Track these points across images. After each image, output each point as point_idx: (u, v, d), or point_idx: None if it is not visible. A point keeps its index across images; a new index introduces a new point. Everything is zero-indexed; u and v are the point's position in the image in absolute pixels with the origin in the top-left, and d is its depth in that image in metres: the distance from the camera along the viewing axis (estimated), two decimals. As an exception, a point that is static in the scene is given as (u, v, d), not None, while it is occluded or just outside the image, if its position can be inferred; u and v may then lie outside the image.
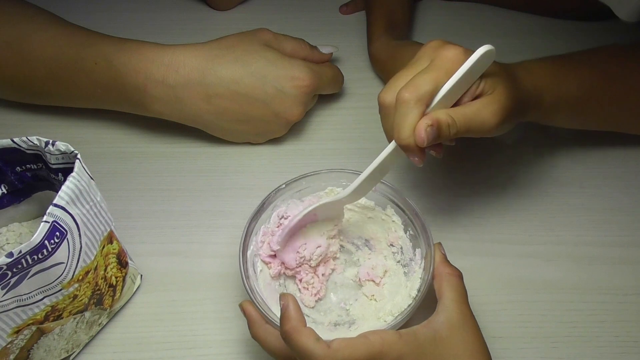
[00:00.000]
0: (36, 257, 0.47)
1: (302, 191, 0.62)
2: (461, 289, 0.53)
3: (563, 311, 0.62)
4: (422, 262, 0.58)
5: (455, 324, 0.51)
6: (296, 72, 0.70)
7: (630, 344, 0.60)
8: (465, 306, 0.53)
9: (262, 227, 0.61)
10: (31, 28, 0.71)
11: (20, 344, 0.52)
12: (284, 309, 0.51)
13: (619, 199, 0.70)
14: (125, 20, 0.89)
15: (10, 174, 0.57)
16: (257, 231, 0.60)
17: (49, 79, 0.71)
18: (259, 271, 0.60)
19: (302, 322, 0.50)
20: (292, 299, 0.51)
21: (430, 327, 0.51)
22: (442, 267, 0.55)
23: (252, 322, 0.55)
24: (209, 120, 0.71)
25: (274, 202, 0.61)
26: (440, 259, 0.55)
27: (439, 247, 0.56)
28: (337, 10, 0.91)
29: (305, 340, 0.49)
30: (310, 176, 0.62)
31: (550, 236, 0.67)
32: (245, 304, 0.55)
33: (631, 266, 0.65)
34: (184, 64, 0.69)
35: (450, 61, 0.53)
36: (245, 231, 0.58)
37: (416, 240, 0.59)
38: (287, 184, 0.61)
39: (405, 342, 0.50)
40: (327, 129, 0.77)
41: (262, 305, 0.55)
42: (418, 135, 0.52)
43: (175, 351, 0.60)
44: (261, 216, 0.60)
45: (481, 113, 0.54)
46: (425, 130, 0.52)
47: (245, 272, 0.56)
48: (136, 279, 0.63)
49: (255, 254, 0.60)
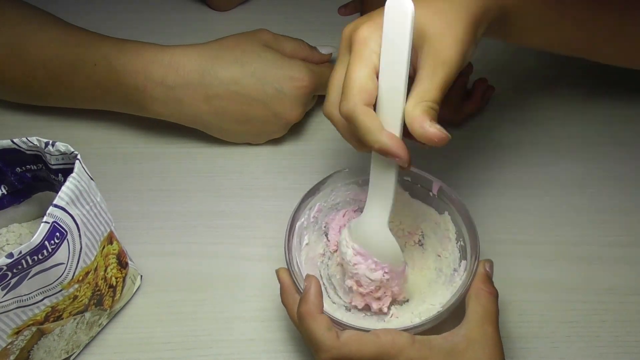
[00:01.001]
0: (36, 258, 0.47)
1: (363, 179, 0.61)
2: (491, 307, 0.52)
3: (563, 311, 0.62)
4: (464, 275, 0.56)
5: (474, 340, 0.50)
6: (296, 72, 0.70)
7: (630, 344, 0.60)
8: (490, 325, 0.51)
9: (318, 204, 0.61)
10: (30, 29, 0.71)
11: (21, 345, 0.52)
12: (305, 290, 0.51)
13: (619, 199, 0.70)
14: (125, 21, 0.89)
15: (10, 174, 0.57)
16: (312, 206, 0.60)
17: (49, 80, 0.71)
18: (304, 244, 0.60)
19: (318, 308, 0.51)
20: (316, 282, 0.52)
21: (449, 339, 0.50)
22: (479, 283, 0.53)
23: (284, 288, 0.55)
24: (209, 121, 0.71)
25: (334, 183, 0.61)
26: (481, 274, 0.54)
27: (485, 264, 0.55)
28: (336, 11, 0.91)
29: (316, 327, 0.49)
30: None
31: (550, 236, 0.67)
32: (281, 270, 0.56)
33: (631, 266, 0.65)
34: (184, 64, 0.69)
35: (365, 41, 0.48)
36: (299, 203, 0.59)
37: (464, 252, 0.58)
38: (351, 170, 0.61)
39: (417, 348, 0.49)
40: (326, 129, 0.77)
41: (297, 275, 0.55)
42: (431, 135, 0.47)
43: (176, 352, 0.60)
44: (319, 193, 0.60)
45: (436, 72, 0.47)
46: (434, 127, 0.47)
47: (289, 242, 0.57)
48: (136, 279, 0.63)
49: (305, 226, 0.60)
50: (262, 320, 0.62)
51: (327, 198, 0.61)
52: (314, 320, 0.50)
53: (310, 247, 0.61)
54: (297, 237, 0.59)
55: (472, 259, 0.56)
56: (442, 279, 0.60)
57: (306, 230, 0.61)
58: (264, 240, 0.67)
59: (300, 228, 0.59)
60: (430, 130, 0.46)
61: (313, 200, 0.60)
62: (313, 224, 0.61)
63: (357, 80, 0.48)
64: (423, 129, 0.46)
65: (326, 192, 0.61)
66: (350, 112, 0.48)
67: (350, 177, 0.61)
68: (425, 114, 0.47)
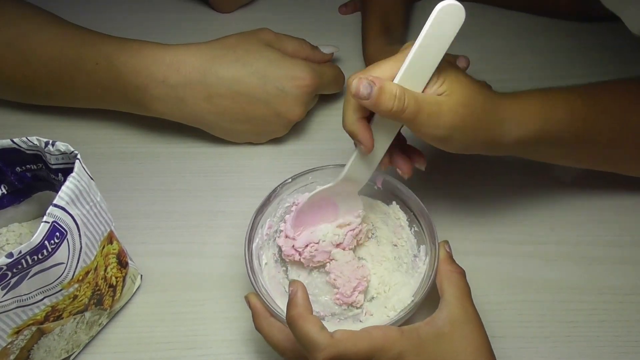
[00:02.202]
0: (36, 258, 0.47)
1: (308, 186, 0.62)
2: (463, 285, 0.54)
3: (563, 311, 0.62)
4: (427, 259, 0.58)
5: (457, 320, 0.51)
6: (297, 72, 0.70)
7: (630, 343, 0.60)
8: (468, 302, 0.53)
9: (268, 220, 0.61)
10: (31, 28, 0.71)
11: (21, 344, 0.52)
12: (292, 294, 0.51)
13: (619, 199, 0.70)
14: (125, 21, 0.89)
15: (10, 174, 0.57)
16: (262, 224, 0.60)
17: (50, 80, 0.71)
18: (263, 264, 0.60)
19: (308, 310, 0.50)
20: (302, 286, 0.52)
21: (433, 323, 0.51)
22: (445, 265, 0.55)
23: (257, 314, 0.55)
24: (210, 120, 0.71)
25: (280, 195, 0.61)
26: (444, 256, 0.56)
27: (444, 245, 0.57)
28: (337, 10, 0.91)
29: (309, 328, 0.49)
30: (317, 171, 0.62)
31: (550, 236, 0.67)
32: (251, 296, 0.56)
33: (631, 266, 0.65)
34: (185, 63, 0.69)
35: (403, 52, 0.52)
36: (251, 224, 0.59)
37: (421, 237, 0.60)
38: (294, 178, 0.61)
39: (407, 338, 0.50)
40: (327, 128, 0.77)
41: (266, 297, 0.55)
42: (354, 86, 0.50)
43: (175, 351, 0.60)
44: (267, 209, 0.60)
45: (431, 108, 0.51)
46: (363, 83, 0.50)
47: (250, 265, 0.57)
48: (136, 279, 0.63)
49: (260, 247, 0.60)
50: (262, 320, 0.62)
51: (275, 212, 0.62)
52: (306, 322, 0.49)
53: (269, 266, 0.61)
54: (256, 258, 0.59)
55: (430, 242, 0.57)
56: (403, 267, 0.61)
57: (262, 250, 0.60)
58: (264, 240, 0.67)
59: (257, 249, 0.59)
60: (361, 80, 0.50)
61: (263, 218, 0.60)
62: (267, 241, 0.61)
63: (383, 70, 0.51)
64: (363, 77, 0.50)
65: (273, 207, 0.61)
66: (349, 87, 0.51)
67: (294, 185, 0.62)
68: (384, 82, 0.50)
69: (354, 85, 0.50)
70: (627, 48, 0.82)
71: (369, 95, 0.50)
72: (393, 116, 0.51)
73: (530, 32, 0.87)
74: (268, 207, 0.61)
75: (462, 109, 0.51)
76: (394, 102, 0.50)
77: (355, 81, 0.50)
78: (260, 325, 0.55)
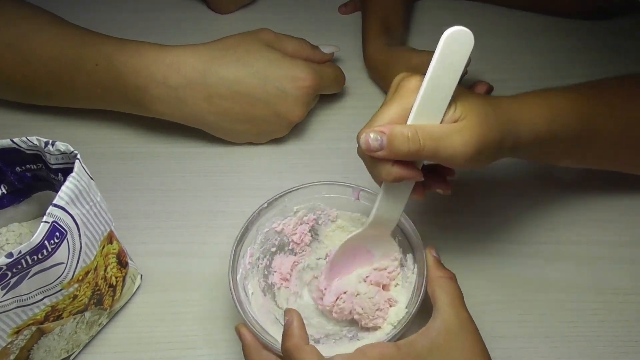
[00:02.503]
0: (36, 258, 0.47)
1: (285, 208, 0.61)
2: (455, 291, 0.53)
3: (563, 311, 0.62)
4: (415, 267, 0.57)
5: (452, 329, 0.50)
6: (298, 72, 0.70)
7: (630, 343, 0.60)
8: (461, 309, 0.52)
9: (249, 248, 0.60)
10: (31, 28, 0.71)
11: (21, 344, 0.52)
12: (288, 324, 0.51)
13: (619, 199, 0.70)
14: (125, 21, 0.89)
15: (10, 174, 0.57)
16: (243, 254, 0.59)
17: (50, 80, 0.71)
18: (250, 294, 0.59)
19: (304, 340, 0.50)
20: (297, 315, 0.51)
21: (427, 334, 0.50)
22: (434, 271, 0.54)
23: (248, 346, 0.54)
24: (211, 121, 0.71)
25: (257, 222, 0.60)
26: (432, 262, 0.55)
27: (431, 251, 0.56)
28: (337, 10, 0.91)
29: (307, 358, 0.49)
30: (291, 192, 0.61)
31: (550, 236, 0.67)
32: (241, 327, 0.54)
33: (631, 266, 0.65)
34: (185, 64, 0.69)
35: (412, 90, 0.49)
36: (232, 255, 0.58)
37: (405, 246, 0.59)
38: (269, 203, 0.60)
39: (404, 354, 0.49)
40: (328, 128, 0.77)
41: (257, 328, 0.54)
42: (363, 142, 0.49)
43: (175, 351, 0.60)
44: (246, 238, 0.59)
45: (451, 138, 0.49)
46: (370, 137, 0.48)
47: (237, 297, 0.56)
48: (136, 279, 0.63)
49: (244, 276, 0.59)
50: (262, 320, 0.62)
51: (255, 239, 0.61)
52: (302, 352, 0.49)
53: (256, 296, 0.59)
54: (242, 289, 0.58)
55: (417, 250, 0.56)
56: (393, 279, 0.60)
57: (247, 279, 0.59)
58: (264, 240, 0.67)
59: (241, 279, 0.58)
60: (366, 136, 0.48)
61: (243, 247, 0.59)
62: (250, 270, 0.60)
63: (389, 115, 0.49)
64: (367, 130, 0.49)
65: (252, 234, 0.60)
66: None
67: (271, 210, 0.61)
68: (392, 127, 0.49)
69: (362, 142, 0.49)
70: (627, 48, 0.82)
71: (381, 146, 0.48)
72: (413, 157, 0.49)
73: (530, 32, 0.87)
74: (247, 235, 0.59)
75: (480, 128, 0.50)
76: (409, 144, 0.48)
77: (362, 137, 0.48)
78: (251, 357, 0.53)
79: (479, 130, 0.50)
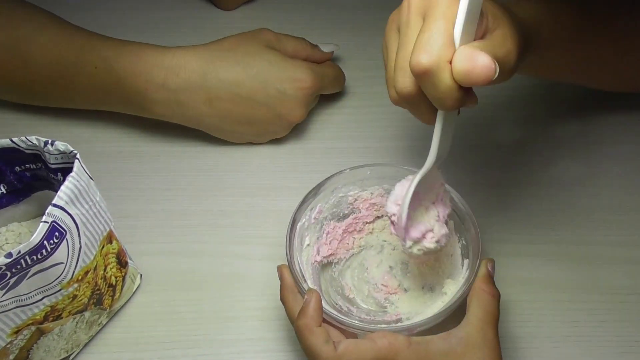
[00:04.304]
0: (35, 257, 0.47)
1: (364, 180, 0.62)
2: (492, 309, 0.52)
3: (563, 311, 0.62)
4: (467, 274, 0.56)
5: (473, 342, 0.50)
6: (298, 73, 0.70)
7: (630, 343, 0.60)
8: (490, 328, 0.51)
9: (319, 205, 0.61)
10: (30, 31, 0.71)
11: (20, 344, 0.52)
12: (305, 304, 0.51)
13: (619, 199, 0.70)
14: (126, 17, 0.89)
15: (9, 173, 0.57)
16: (313, 207, 0.60)
17: (49, 82, 0.71)
18: (305, 245, 0.60)
19: (316, 322, 0.51)
20: (317, 296, 0.52)
21: (447, 340, 0.50)
22: (480, 283, 0.53)
23: (285, 285, 0.55)
24: (211, 123, 0.71)
25: (335, 184, 0.61)
26: (483, 274, 0.53)
27: (487, 264, 0.54)
28: (338, 8, 0.91)
29: (314, 340, 0.49)
30: (376, 166, 0.61)
31: (550, 236, 0.67)
32: (283, 267, 0.56)
33: (631, 266, 0.65)
34: (185, 67, 0.68)
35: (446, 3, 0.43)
36: (300, 203, 0.59)
37: (466, 250, 0.58)
38: (352, 170, 0.61)
39: (414, 350, 0.49)
40: (328, 128, 0.77)
41: (297, 275, 0.55)
42: (488, 69, 0.41)
43: (175, 351, 0.60)
44: (320, 194, 0.60)
45: (505, 43, 0.45)
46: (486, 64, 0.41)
47: (290, 241, 0.57)
48: (136, 278, 0.63)
49: (306, 227, 0.60)
50: (262, 319, 0.62)
51: (328, 199, 0.61)
52: (311, 334, 0.50)
53: (310, 248, 0.61)
54: (299, 237, 0.59)
55: (474, 258, 0.56)
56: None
57: (307, 231, 0.60)
58: (265, 240, 0.67)
59: (301, 229, 0.59)
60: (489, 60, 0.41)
61: (314, 201, 0.60)
62: (314, 225, 0.61)
63: (448, 33, 0.42)
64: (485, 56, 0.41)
65: (326, 194, 0.61)
66: (435, 66, 0.42)
67: (351, 177, 0.61)
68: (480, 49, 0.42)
69: (485, 69, 0.41)
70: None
71: (495, 71, 0.42)
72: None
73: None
74: (321, 192, 0.60)
75: (515, 33, 0.46)
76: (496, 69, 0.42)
77: (486, 64, 0.41)
78: (286, 298, 0.55)
79: (516, 36, 0.46)
